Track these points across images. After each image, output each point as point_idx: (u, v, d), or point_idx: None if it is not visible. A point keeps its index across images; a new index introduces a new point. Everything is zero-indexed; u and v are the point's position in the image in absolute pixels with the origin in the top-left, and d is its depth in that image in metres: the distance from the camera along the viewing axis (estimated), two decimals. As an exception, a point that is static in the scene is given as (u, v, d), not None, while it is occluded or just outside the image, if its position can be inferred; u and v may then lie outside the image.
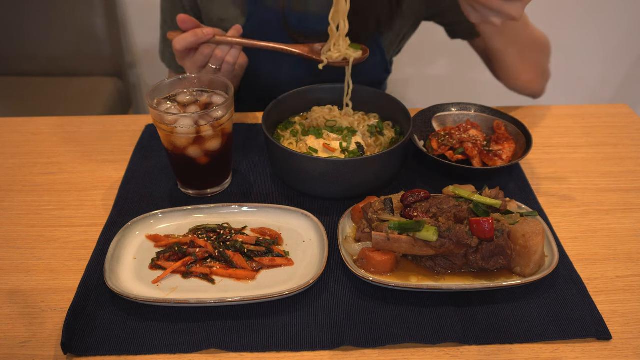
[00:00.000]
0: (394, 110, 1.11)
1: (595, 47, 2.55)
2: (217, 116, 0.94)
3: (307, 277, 0.83)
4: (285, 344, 0.77)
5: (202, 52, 1.04)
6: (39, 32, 2.20)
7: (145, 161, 1.12)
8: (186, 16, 1.03)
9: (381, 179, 0.99)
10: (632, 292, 0.85)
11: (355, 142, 1.04)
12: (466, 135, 1.08)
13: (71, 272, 0.88)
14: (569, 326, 0.79)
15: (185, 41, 1.02)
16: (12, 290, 0.85)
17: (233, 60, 1.05)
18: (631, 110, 1.31)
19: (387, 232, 0.82)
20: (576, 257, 0.91)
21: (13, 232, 0.96)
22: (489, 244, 0.81)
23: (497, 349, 0.76)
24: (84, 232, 0.96)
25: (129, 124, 1.26)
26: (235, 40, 1.03)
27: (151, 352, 0.75)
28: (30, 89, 2.19)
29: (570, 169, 1.12)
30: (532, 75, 1.28)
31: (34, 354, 0.76)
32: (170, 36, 1.05)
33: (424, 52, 2.43)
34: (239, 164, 1.11)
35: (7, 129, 1.24)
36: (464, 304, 0.82)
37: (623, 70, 2.65)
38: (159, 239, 0.91)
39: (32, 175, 1.10)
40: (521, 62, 1.24)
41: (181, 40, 1.02)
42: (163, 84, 0.98)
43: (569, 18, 2.44)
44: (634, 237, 0.95)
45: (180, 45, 1.03)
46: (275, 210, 0.95)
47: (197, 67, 1.06)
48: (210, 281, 0.84)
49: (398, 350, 0.76)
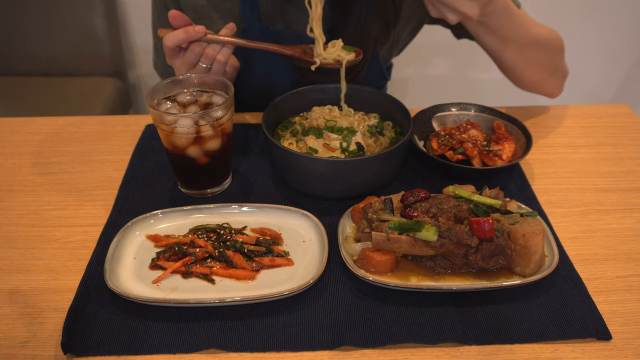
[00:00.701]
0: (394, 110, 1.11)
1: (595, 47, 2.55)
2: (217, 116, 0.94)
3: (307, 277, 0.83)
4: (285, 344, 0.77)
5: (192, 50, 1.01)
6: (39, 32, 2.20)
7: (145, 161, 1.12)
8: (178, 12, 1.00)
9: (381, 179, 0.99)
10: (632, 292, 0.85)
11: (355, 142, 1.04)
12: (466, 135, 1.08)
13: (71, 272, 0.88)
14: (569, 326, 0.79)
15: (176, 38, 1.00)
16: (12, 290, 0.85)
17: (224, 59, 1.03)
18: (631, 110, 1.31)
19: (387, 232, 0.82)
20: (576, 257, 0.91)
21: (13, 232, 0.96)
22: (489, 244, 0.81)
23: (497, 349, 0.76)
24: (84, 232, 0.96)
25: (129, 124, 1.26)
26: (227, 40, 1.02)
27: (151, 352, 0.75)
28: (30, 89, 2.19)
29: (570, 169, 1.12)
30: (539, 75, 1.24)
31: (34, 354, 0.76)
32: (161, 33, 1.03)
33: (423, 52, 2.43)
34: (239, 164, 1.11)
35: (7, 129, 1.24)
36: (464, 304, 0.82)
37: (623, 70, 2.65)
38: (159, 239, 0.91)
39: (32, 175, 1.10)
40: (521, 61, 1.22)
41: (172, 37, 1.00)
42: (163, 84, 0.98)
43: (569, 18, 2.44)
44: (634, 237, 0.95)
45: (170, 42, 1.00)
46: (275, 210, 0.95)
47: (187, 66, 1.04)
48: (210, 281, 0.84)
49: (398, 350, 0.76)
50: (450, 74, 2.57)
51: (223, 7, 1.20)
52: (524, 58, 1.20)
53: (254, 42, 1.04)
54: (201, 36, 1.00)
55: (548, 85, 1.27)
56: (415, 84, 2.60)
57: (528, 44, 1.18)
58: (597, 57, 2.59)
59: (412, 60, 2.46)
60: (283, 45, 1.06)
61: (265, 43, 1.05)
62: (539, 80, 1.26)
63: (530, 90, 1.29)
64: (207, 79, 1.00)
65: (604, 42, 2.54)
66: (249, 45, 1.04)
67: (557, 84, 1.29)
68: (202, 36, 1.00)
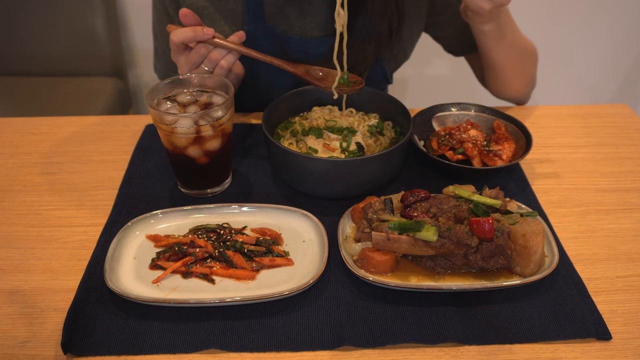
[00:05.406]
0: (394, 110, 1.11)
1: (595, 47, 2.55)
2: (217, 116, 0.94)
3: (307, 277, 0.83)
4: (285, 344, 0.76)
5: (197, 51, 1.01)
6: (39, 32, 2.20)
7: (145, 161, 1.12)
8: (189, 11, 1.00)
9: (381, 179, 0.99)
10: (632, 292, 0.85)
11: (355, 142, 1.04)
12: (466, 135, 1.08)
13: (71, 272, 0.88)
14: (569, 326, 0.79)
15: (183, 35, 0.99)
16: (12, 290, 0.85)
17: (227, 65, 1.02)
18: (631, 110, 1.31)
19: (387, 232, 0.82)
20: (576, 257, 0.91)
21: (13, 232, 0.96)
22: (489, 244, 0.81)
23: (497, 349, 0.76)
24: (84, 232, 0.96)
25: (129, 124, 1.26)
26: (233, 46, 1.01)
27: (151, 352, 0.75)
28: (30, 89, 2.19)
29: (570, 169, 1.12)
30: (523, 83, 1.31)
31: (34, 354, 0.76)
32: (169, 29, 1.03)
33: (424, 52, 2.43)
34: (239, 164, 1.11)
35: (7, 129, 1.24)
36: (464, 304, 0.82)
37: (623, 70, 2.65)
38: (159, 239, 0.91)
39: (32, 175, 1.10)
40: (515, 70, 1.26)
41: (179, 34, 1.00)
42: (163, 84, 0.98)
43: (569, 18, 2.44)
44: (634, 237, 0.95)
45: (177, 38, 1.00)
46: (275, 210, 0.95)
47: (190, 65, 1.03)
48: (210, 281, 0.84)
49: (398, 350, 0.76)
50: (450, 74, 2.57)
51: (225, 9, 1.19)
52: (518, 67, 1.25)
53: (259, 54, 1.04)
54: (208, 38, 0.99)
55: (526, 91, 1.34)
56: (415, 84, 2.60)
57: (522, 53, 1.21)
58: (597, 57, 2.59)
59: (412, 60, 2.45)
60: (287, 62, 1.05)
61: (270, 56, 1.04)
62: (523, 87, 1.32)
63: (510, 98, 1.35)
64: (207, 79, 1.00)
65: (604, 42, 2.54)
66: (253, 56, 1.03)
67: (530, 92, 1.36)
68: (209, 38, 0.99)
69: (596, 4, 2.42)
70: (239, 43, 1.02)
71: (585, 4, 2.42)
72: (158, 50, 1.35)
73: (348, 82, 1.06)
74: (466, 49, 1.35)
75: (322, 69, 1.08)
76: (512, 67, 1.25)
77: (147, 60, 2.49)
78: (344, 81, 1.06)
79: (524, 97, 1.36)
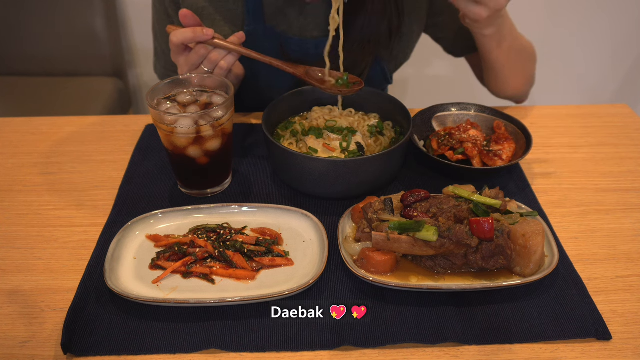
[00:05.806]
0: (394, 110, 1.11)
1: (595, 47, 2.55)
2: (217, 116, 0.94)
3: (307, 277, 0.83)
4: (285, 344, 0.77)
5: (197, 52, 1.01)
6: (38, 32, 2.20)
7: (145, 161, 1.12)
8: (189, 12, 1.00)
9: (381, 179, 0.99)
10: (632, 292, 0.85)
11: (355, 142, 1.04)
12: (466, 135, 1.08)
13: (71, 272, 0.88)
14: (569, 326, 0.79)
15: (183, 36, 0.99)
16: (12, 290, 0.85)
17: (227, 66, 1.02)
18: (631, 110, 1.31)
19: (387, 232, 0.82)
20: (576, 257, 0.91)
21: (13, 232, 0.96)
22: (489, 244, 0.81)
23: (497, 349, 0.76)
24: (84, 232, 0.96)
25: (129, 124, 1.26)
26: (232, 47, 1.01)
27: (151, 352, 0.75)
28: (30, 89, 2.19)
29: (570, 169, 1.12)
30: (522, 81, 1.31)
31: (34, 354, 0.76)
32: (169, 29, 1.03)
33: (424, 52, 2.43)
34: (239, 164, 1.11)
35: (7, 129, 1.24)
36: (464, 304, 0.82)
37: (623, 70, 2.65)
38: (159, 239, 0.91)
39: (32, 175, 1.10)
40: (514, 70, 1.26)
41: (179, 34, 1.00)
42: (163, 84, 0.98)
43: (569, 18, 2.44)
44: (634, 237, 0.95)
45: (177, 38, 1.00)
46: (275, 210, 0.95)
47: (190, 66, 1.03)
48: (210, 281, 0.84)
49: (398, 350, 0.76)
50: (450, 74, 2.56)
51: (225, 9, 1.19)
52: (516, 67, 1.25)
53: (259, 55, 1.04)
54: (208, 39, 0.99)
55: (525, 90, 1.34)
56: (415, 84, 2.60)
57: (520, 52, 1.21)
58: (597, 57, 2.59)
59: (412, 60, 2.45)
60: (287, 63, 1.05)
61: (269, 57, 1.04)
62: (522, 86, 1.32)
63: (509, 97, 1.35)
64: (207, 79, 1.00)
65: (604, 42, 2.54)
66: (253, 57, 1.03)
67: (529, 90, 1.36)
68: (208, 39, 0.99)
69: (596, 4, 2.42)
70: (238, 44, 1.02)
71: (585, 5, 2.42)
72: (158, 51, 1.36)
73: (347, 82, 1.06)
74: (466, 50, 1.35)
75: (322, 70, 1.08)
76: (512, 66, 1.25)
77: (147, 60, 2.49)
78: (344, 82, 1.06)
79: (523, 95, 1.36)
